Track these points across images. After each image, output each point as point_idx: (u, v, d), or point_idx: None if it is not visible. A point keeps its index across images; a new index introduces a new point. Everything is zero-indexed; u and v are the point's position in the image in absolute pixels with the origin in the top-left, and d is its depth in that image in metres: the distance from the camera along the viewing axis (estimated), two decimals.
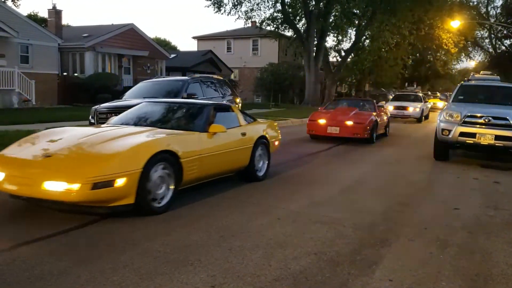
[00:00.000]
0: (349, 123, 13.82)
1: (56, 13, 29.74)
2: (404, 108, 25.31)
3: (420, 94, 28.52)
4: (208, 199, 6.56)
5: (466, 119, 10.50)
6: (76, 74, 30.38)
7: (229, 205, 6.22)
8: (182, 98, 10.28)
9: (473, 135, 10.36)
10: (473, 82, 13.00)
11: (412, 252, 4.69)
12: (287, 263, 4.22)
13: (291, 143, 13.41)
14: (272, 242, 4.80)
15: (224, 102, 12.55)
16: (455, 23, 32.93)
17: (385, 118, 16.56)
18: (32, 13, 40.83)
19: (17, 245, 4.48)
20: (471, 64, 61.96)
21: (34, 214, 5.58)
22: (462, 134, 10.46)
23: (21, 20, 25.33)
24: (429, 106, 29.85)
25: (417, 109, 25.27)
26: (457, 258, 4.60)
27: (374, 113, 14.87)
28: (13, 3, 36.04)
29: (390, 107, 23.98)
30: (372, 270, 4.17)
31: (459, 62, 58.18)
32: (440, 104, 32.81)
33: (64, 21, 33.95)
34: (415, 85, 50.49)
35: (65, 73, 30.23)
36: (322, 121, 14.19)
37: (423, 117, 26.54)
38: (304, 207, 6.32)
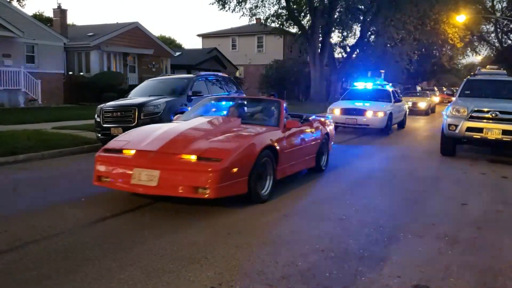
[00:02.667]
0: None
1: (61, 12, 29.78)
2: (360, 112, 15.06)
3: (393, 89, 18.19)
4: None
5: (473, 114, 10.42)
6: (81, 73, 30.44)
7: (235, 202, 6.20)
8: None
9: (480, 130, 10.28)
10: (479, 77, 12.90)
11: (420, 248, 4.66)
12: (295, 260, 4.20)
13: None
14: (279, 239, 4.78)
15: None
16: (461, 18, 32.69)
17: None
18: (38, 13, 40.96)
19: (24, 244, 4.50)
20: (477, 58, 61.63)
21: (38, 215, 5.60)
22: (469, 129, 10.39)
23: (26, 20, 25.40)
24: (406, 107, 19.44)
25: (381, 115, 14.93)
26: (465, 254, 4.56)
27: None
28: (18, 3, 36.18)
29: (336, 111, 15.24)
30: (380, 266, 4.15)
31: (465, 56, 57.89)
32: (423, 104, 27.43)
33: (69, 21, 34.17)
34: (422, 82, 50.35)
35: (70, 72, 30.30)
36: None
37: (397, 125, 17.66)
38: (311, 204, 6.29)
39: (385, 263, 4.23)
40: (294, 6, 31.98)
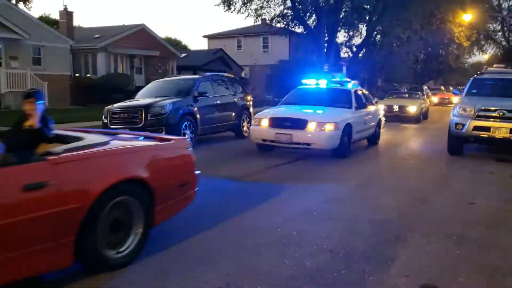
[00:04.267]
0: None
1: (67, 14, 29.90)
2: (297, 125, 10.02)
3: (357, 89, 12.55)
4: (221, 198, 6.57)
5: (480, 113, 10.37)
6: (88, 75, 30.54)
7: (243, 203, 6.22)
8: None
9: (487, 129, 10.23)
10: (486, 75, 12.83)
11: (428, 247, 4.64)
12: (303, 261, 4.21)
13: None
14: (286, 239, 4.78)
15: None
16: (467, 17, 32.44)
17: None
18: (44, 15, 41.15)
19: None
20: (484, 57, 61.31)
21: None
22: (476, 128, 10.34)
23: (33, 22, 25.51)
24: (381, 115, 13.83)
25: (329, 128, 9.83)
26: (474, 253, 4.55)
27: None
28: (24, 5, 36.40)
29: (263, 122, 10.44)
30: (388, 266, 4.14)
31: (472, 55, 57.53)
32: (413, 108, 20.97)
33: (76, 23, 34.17)
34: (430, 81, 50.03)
35: (77, 74, 30.40)
36: None
37: (367, 140, 12.69)
38: (319, 204, 6.29)
39: (393, 262, 4.22)
40: (300, 6, 31.87)
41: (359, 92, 12.35)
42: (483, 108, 10.39)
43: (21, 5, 35.50)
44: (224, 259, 4.23)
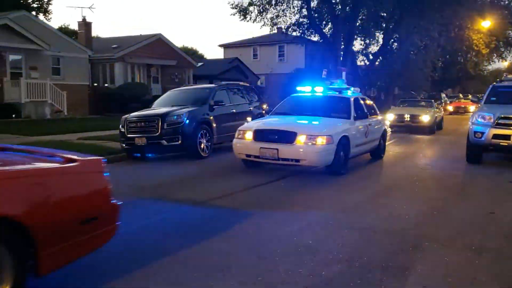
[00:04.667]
0: None
1: (86, 25, 30.36)
2: (284, 138, 8.99)
3: (357, 97, 11.20)
4: (236, 207, 6.55)
5: (500, 121, 10.22)
6: (106, 85, 30.90)
7: (257, 212, 6.20)
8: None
9: (507, 137, 10.07)
10: (505, 83, 12.65)
11: (446, 257, 4.57)
12: (318, 270, 4.17)
13: None
14: (302, 248, 4.75)
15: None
16: (486, 23, 32.10)
17: None
18: (63, 26, 41.81)
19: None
20: (503, 64, 60.56)
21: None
22: (495, 136, 10.19)
23: (52, 33, 25.95)
24: (386, 126, 12.64)
25: (321, 142, 8.75)
26: (493, 263, 4.46)
27: None
28: (44, 17, 37.08)
29: (247, 135, 9.39)
30: (405, 276, 4.08)
31: (491, 63, 56.86)
32: (427, 118, 19.28)
33: (94, 33, 34.68)
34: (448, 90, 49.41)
35: (95, 84, 30.79)
36: None
37: (370, 154, 11.62)
38: (335, 213, 6.24)
39: (410, 272, 4.16)
40: (316, 15, 31.90)
41: (360, 101, 10.97)
42: (502, 116, 10.24)
43: (41, 16, 36.22)
44: (240, 267, 4.20)
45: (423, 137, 17.64)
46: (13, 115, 22.35)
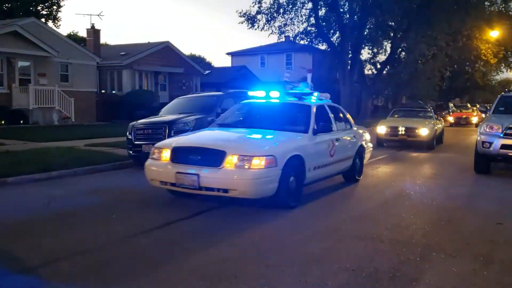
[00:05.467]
0: None
1: (94, 32, 30.57)
2: (208, 160, 6.73)
3: (323, 104, 8.99)
4: (242, 215, 6.53)
5: (508, 131, 10.15)
6: (114, 92, 31.06)
7: (264, 220, 6.17)
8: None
9: None
10: None
11: (454, 268, 4.52)
12: (325, 280, 4.13)
13: None
14: (309, 257, 4.72)
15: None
16: (494, 33, 32.02)
17: None
18: (72, 33, 42.11)
19: (56, 259, 4.54)
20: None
21: (70, 230, 5.66)
22: (504, 146, 10.12)
23: (61, 40, 26.14)
24: (366, 141, 10.39)
25: (257, 165, 6.52)
26: (502, 274, 4.41)
27: None
28: (53, 24, 37.39)
29: (164, 155, 7.11)
30: (413, 286, 4.04)
31: (499, 73, 56.68)
32: (425, 131, 16.19)
33: (102, 40, 34.85)
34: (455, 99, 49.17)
35: (103, 91, 30.95)
36: None
37: (342, 176, 9.52)
38: (341, 222, 6.20)
39: (417, 283, 4.12)
40: (323, 23, 31.95)
41: (326, 110, 8.75)
42: (511, 126, 10.18)
43: (50, 23, 36.52)
44: (246, 276, 4.17)
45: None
46: (21, 121, 22.49)
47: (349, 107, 32.99)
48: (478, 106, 46.47)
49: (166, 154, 6.96)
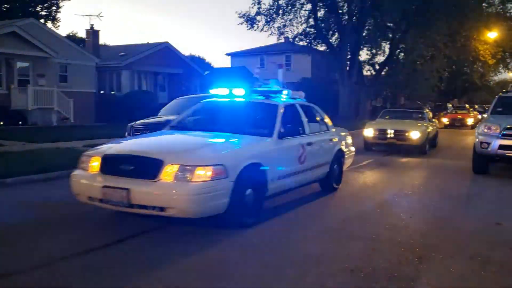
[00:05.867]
0: None
1: (93, 33, 30.59)
2: (141, 171, 5.53)
3: (295, 103, 7.88)
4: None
5: (506, 132, 10.18)
6: (113, 92, 31.06)
7: (263, 221, 6.18)
8: None
9: None
10: (511, 94, 12.60)
11: (452, 268, 4.53)
12: (323, 280, 4.14)
13: None
14: (307, 258, 4.73)
15: None
16: (492, 34, 32.04)
17: None
18: (71, 34, 42.10)
19: (51, 262, 4.54)
20: (510, 75, 60.44)
21: (70, 232, 5.65)
22: (502, 147, 10.14)
23: (60, 41, 26.14)
24: (346, 145, 9.26)
25: (201, 176, 5.33)
26: (499, 275, 4.42)
27: None
28: (52, 25, 37.38)
29: (93, 164, 5.87)
30: (411, 287, 4.05)
31: (497, 73, 56.76)
32: (416, 134, 14.68)
33: (101, 41, 34.88)
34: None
35: (102, 91, 30.95)
36: None
37: (319, 185, 8.42)
38: (340, 222, 6.21)
39: (415, 283, 4.13)
40: (322, 25, 31.99)
41: (297, 110, 7.70)
42: (509, 126, 10.20)
43: (49, 24, 36.51)
44: (244, 277, 4.18)
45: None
46: (20, 122, 22.48)
47: (348, 108, 33.11)
48: (476, 106, 46.54)
49: (96, 164, 5.76)
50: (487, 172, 10.88)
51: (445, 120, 32.25)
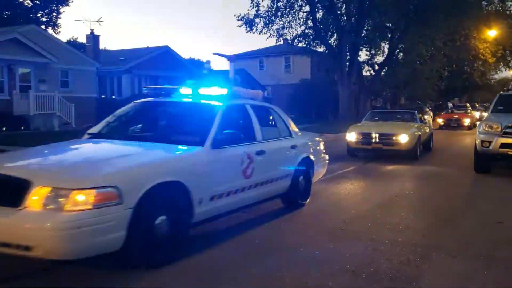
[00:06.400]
0: None
1: (94, 38, 30.63)
2: None
3: (239, 103, 6.40)
4: (242, 217, 6.55)
5: (507, 130, 10.17)
6: (114, 97, 31.11)
7: (264, 223, 6.19)
8: None
9: None
10: None
11: (454, 268, 4.54)
12: (325, 281, 4.16)
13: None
14: (309, 259, 4.74)
15: None
16: (492, 33, 32.06)
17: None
18: (72, 39, 42.20)
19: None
20: (510, 73, 60.40)
21: None
22: (503, 145, 10.14)
23: (61, 46, 26.19)
24: (310, 153, 7.59)
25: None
26: (502, 274, 4.43)
27: None
28: (53, 30, 37.49)
29: None
30: (413, 287, 4.06)
31: (498, 72, 56.71)
32: (404, 138, 12.82)
33: (102, 46, 34.94)
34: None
35: (103, 96, 30.99)
36: None
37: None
38: (341, 223, 6.22)
39: (417, 283, 4.14)
40: (321, 26, 32.02)
41: (248, 112, 6.35)
42: (509, 125, 10.20)
43: (50, 30, 36.61)
44: (246, 278, 4.20)
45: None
46: (22, 127, 22.51)
47: (348, 108, 33.13)
48: (477, 105, 46.46)
49: None
50: (489, 171, 10.87)
51: (440, 121, 30.24)
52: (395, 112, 16.71)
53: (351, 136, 13.59)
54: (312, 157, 7.42)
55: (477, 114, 33.67)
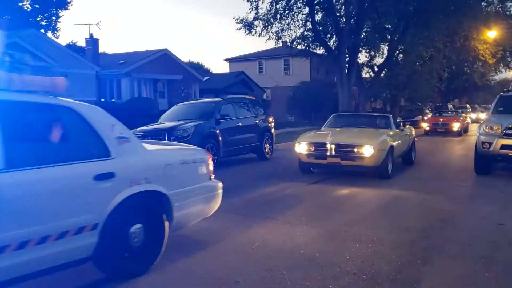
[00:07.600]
0: None
1: (93, 42, 30.70)
2: None
3: None
4: (243, 220, 6.53)
5: (508, 131, 10.14)
6: (113, 100, 31.13)
7: (265, 226, 6.17)
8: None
9: None
10: None
11: (455, 270, 4.51)
12: (326, 283, 4.13)
13: None
14: (309, 261, 4.71)
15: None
16: (492, 34, 32.06)
17: None
18: (71, 43, 42.27)
19: None
20: (511, 74, 60.43)
21: None
22: (503, 146, 10.10)
23: (60, 50, 26.26)
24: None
25: None
26: (503, 276, 4.41)
27: None
28: (53, 34, 37.53)
29: None
30: None
31: (498, 73, 56.73)
32: (369, 150, 9.41)
33: (101, 49, 35.08)
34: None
35: (102, 99, 30.99)
36: None
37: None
38: (341, 226, 6.19)
39: (419, 285, 4.11)
40: (320, 28, 32.00)
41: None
42: (510, 126, 10.17)
43: (49, 34, 36.65)
44: (246, 281, 4.17)
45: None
46: None
47: (347, 109, 33.10)
48: (477, 106, 46.47)
49: None
50: (489, 173, 10.84)
51: (425, 125, 26.62)
52: (365, 116, 13.98)
53: (301, 148, 10.32)
54: (165, 191, 4.50)
55: (473, 116, 33.07)
